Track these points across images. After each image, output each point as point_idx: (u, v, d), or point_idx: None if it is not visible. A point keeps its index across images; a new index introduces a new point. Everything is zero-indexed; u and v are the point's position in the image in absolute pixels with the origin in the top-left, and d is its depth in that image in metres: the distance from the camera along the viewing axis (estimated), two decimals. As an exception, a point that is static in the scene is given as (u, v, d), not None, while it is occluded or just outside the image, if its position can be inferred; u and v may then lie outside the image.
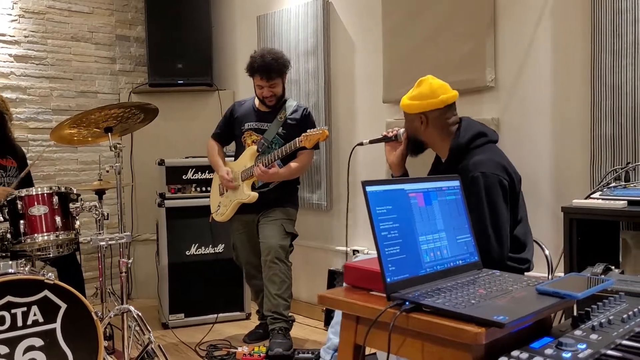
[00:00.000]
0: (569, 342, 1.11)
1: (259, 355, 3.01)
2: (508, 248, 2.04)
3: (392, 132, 2.44)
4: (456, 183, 1.51)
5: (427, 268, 1.34)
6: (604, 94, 2.44)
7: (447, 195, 1.46)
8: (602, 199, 2.13)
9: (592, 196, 2.20)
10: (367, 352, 1.81)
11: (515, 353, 1.09)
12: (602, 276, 1.62)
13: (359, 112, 3.64)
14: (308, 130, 2.97)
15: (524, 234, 2.15)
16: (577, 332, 1.18)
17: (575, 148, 2.60)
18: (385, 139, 2.49)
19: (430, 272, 1.34)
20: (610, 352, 1.08)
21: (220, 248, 3.83)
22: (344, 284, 1.44)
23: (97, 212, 2.85)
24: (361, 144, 2.57)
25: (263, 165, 3.07)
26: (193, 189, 3.83)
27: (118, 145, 2.82)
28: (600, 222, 2.23)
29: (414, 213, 1.36)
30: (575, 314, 1.28)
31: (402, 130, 2.40)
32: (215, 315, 3.69)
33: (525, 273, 2.13)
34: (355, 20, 3.64)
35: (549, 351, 1.10)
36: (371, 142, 2.54)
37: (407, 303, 1.19)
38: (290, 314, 3.23)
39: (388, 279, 1.24)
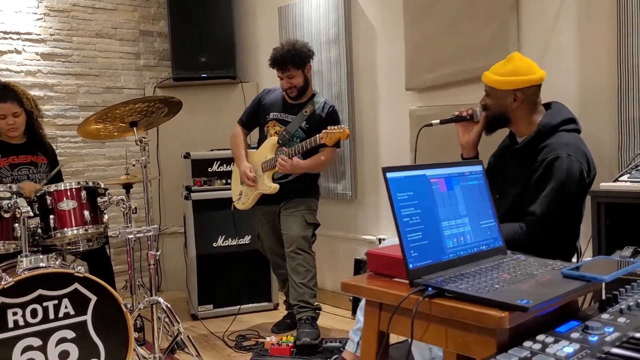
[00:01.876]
0: (596, 326, 1.09)
1: (287, 344, 3.03)
2: (547, 233, 2.03)
3: (466, 111, 2.36)
4: (479, 168, 1.49)
5: (450, 254, 1.33)
6: (631, 75, 2.37)
7: (469, 181, 1.45)
8: (631, 182, 2.08)
9: (619, 179, 2.15)
10: (395, 340, 1.81)
11: (540, 337, 1.08)
12: (631, 259, 1.59)
13: (381, 100, 3.62)
14: (329, 127, 2.95)
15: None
16: (605, 316, 1.17)
17: (603, 131, 2.54)
18: (458, 119, 2.39)
19: (454, 258, 1.33)
20: (638, 334, 1.06)
21: (246, 239, 3.86)
22: (367, 271, 1.44)
23: (124, 206, 2.89)
24: (430, 124, 2.43)
25: (289, 156, 3.07)
26: (218, 182, 3.87)
27: (143, 139, 2.86)
28: (629, 205, 2.17)
29: (436, 198, 1.35)
30: (603, 297, 1.26)
31: (478, 109, 2.32)
32: (239, 307, 3.72)
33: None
34: (376, 9, 3.61)
35: (575, 335, 1.09)
36: (442, 122, 2.42)
37: (429, 289, 1.19)
38: (316, 303, 3.25)
39: (410, 265, 1.23)
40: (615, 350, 1.01)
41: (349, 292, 1.35)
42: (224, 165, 3.87)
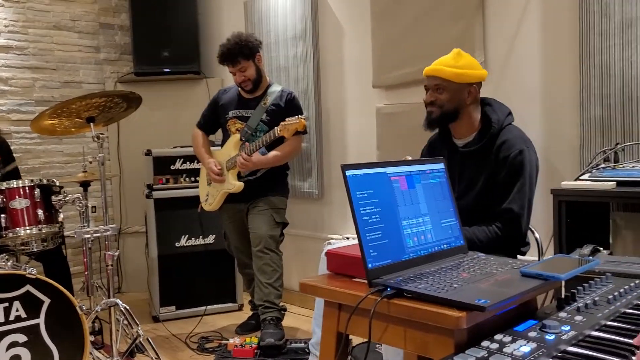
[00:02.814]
0: (553, 325, 1.09)
1: (251, 346, 2.98)
2: (525, 227, 2.07)
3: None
4: (440, 166, 1.47)
5: (410, 253, 1.30)
6: (592, 75, 2.40)
7: (431, 179, 1.42)
8: (591, 181, 2.10)
9: (581, 178, 2.17)
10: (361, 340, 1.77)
11: (498, 337, 1.07)
12: (589, 257, 1.59)
13: (348, 97, 3.59)
14: (286, 119, 2.90)
15: None
16: (562, 314, 1.17)
17: (565, 130, 2.56)
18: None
19: (414, 257, 1.31)
20: (594, 333, 1.06)
21: (211, 239, 3.79)
22: (327, 271, 1.40)
23: (81, 205, 2.80)
24: None
25: (245, 154, 3.01)
26: (182, 179, 3.79)
27: (101, 136, 2.76)
28: (590, 203, 2.20)
29: (397, 197, 1.32)
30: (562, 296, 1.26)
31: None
32: (204, 308, 3.65)
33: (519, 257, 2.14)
34: (343, 5, 3.58)
35: (532, 334, 1.08)
36: None
37: (388, 289, 1.16)
38: (282, 304, 3.20)
39: (369, 265, 1.20)
40: (571, 349, 1.01)
41: (307, 292, 1.31)
42: (188, 162, 3.78)
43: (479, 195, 2.08)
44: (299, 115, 2.92)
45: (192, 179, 3.75)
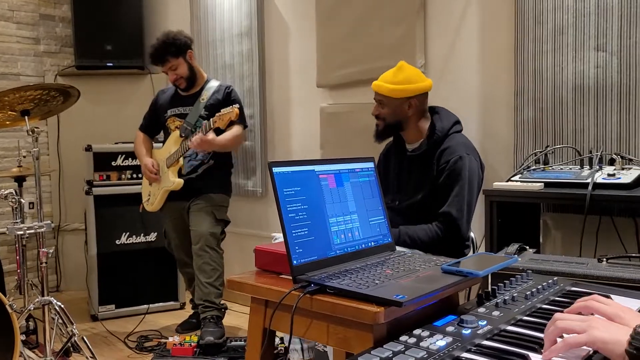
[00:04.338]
0: (470, 319, 1.12)
1: (190, 344, 2.95)
2: (462, 230, 2.14)
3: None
4: (370, 165, 1.50)
5: (337, 250, 1.32)
6: (526, 79, 2.49)
7: (360, 177, 1.45)
8: (521, 182, 2.18)
9: (512, 179, 2.25)
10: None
11: (417, 331, 1.09)
12: (513, 255, 1.66)
13: (293, 96, 3.60)
14: (221, 110, 2.90)
15: None
16: (481, 310, 1.20)
17: (501, 132, 2.65)
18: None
19: (340, 254, 1.33)
20: (509, 327, 1.10)
21: (152, 237, 3.73)
22: (255, 268, 1.40)
23: (13, 200, 2.70)
24: None
25: (203, 133, 2.94)
26: (125, 176, 3.71)
27: (36, 130, 2.67)
28: (521, 204, 2.29)
29: (325, 195, 1.33)
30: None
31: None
32: (148, 306, 3.60)
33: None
34: (289, 4, 3.59)
35: (450, 328, 1.11)
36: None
37: (312, 285, 1.17)
38: (222, 302, 3.18)
39: (295, 261, 1.21)
40: (485, 342, 1.04)
41: (234, 289, 1.32)
42: (129, 159, 3.71)
43: (425, 197, 2.18)
44: (233, 105, 2.90)
45: (135, 175, 3.68)
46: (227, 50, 3.82)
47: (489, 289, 1.30)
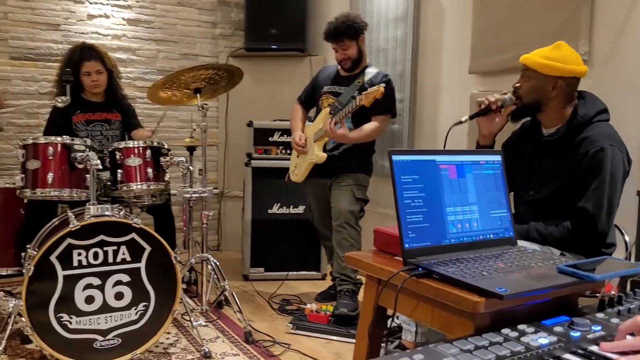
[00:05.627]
0: (583, 323, 1.09)
1: (325, 313, 3.14)
2: (612, 225, 2.01)
3: (495, 103, 2.21)
4: (497, 158, 1.50)
5: (452, 239, 1.37)
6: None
7: (484, 169, 1.46)
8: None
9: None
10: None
11: (521, 326, 1.09)
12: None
13: (444, 82, 3.58)
14: (369, 89, 2.98)
15: None
16: (599, 315, 1.16)
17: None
18: (486, 112, 2.22)
19: (455, 243, 1.37)
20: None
21: (300, 209, 3.99)
22: (374, 248, 1.50)
23: (184, 167, 3.08)
24: (460, 122, 2.23)
25: (334, 123, 3.12)
26: (279, 151, 4.01)
27: (205, 106, 3.02)
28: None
29: (444, 184, 1.38)
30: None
31: (507, 95, 2.19)
32: (292, 272, 3.87)
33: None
34: (446, -14, 3.55)
35: (558, 329, 1.09)
36: (472, 117, 2.28)
37: (420, 269, 1.24)
38: (358, 277, 3.33)
39: (406, 245, 1.29)
40: (592, 347, 1.01)
41: (351, 265, 1.43)
42: (284, 135, 3.99)
43: (558, 188, 2.05)
44: (380, 85, 2.96)
45: (288, 151, 3.96)
46: (382, 35, 3.91)
47: (615, 295, 1.25)
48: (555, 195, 2.06)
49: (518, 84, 2.16)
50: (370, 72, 3.31)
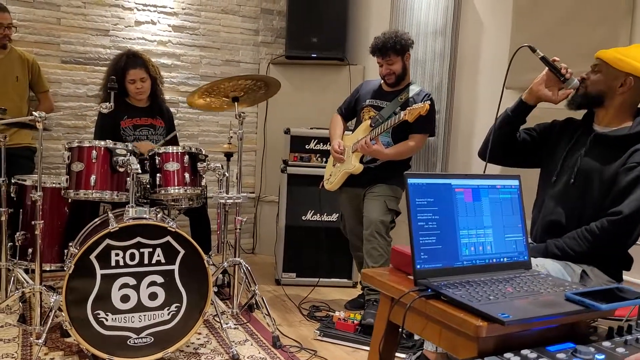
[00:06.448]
0: (586, 351, 1.11)
1: (353, 322, 3.19)
2: (636, 240, 1.96)
3: (568, 72, 2.18)
4: (515, 182, 1.52)
5: (464, 261, 1.40)
6: None
7: (500, 194, 1.48)
8: None
9: None
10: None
11: (524, 352, 1.12)
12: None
13: (481, 95, 3.58)
14: (414, 105, 3.01)
15: None
16: (606, 344, 1.17)
17: None
18: (554, 69, 2.19)
19: (468, 265, 1.40)
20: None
21: (333, 217, 4.05)
22: (390, 266, 1.54)
23: (219, 173, 3.18)
24: (534, 50, 2.24)
25: (370, 138, 3.18)
26: (315, 159, 4.08)
27: (242, 114, 3.12)
28: None
29: (458, 207, 1.41)
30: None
31: (576, 80, 2.16)
32: (323, 279, 3.93)
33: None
34: (487, 1, 3.54)
35: (561, 355, 1.11)
36: (545, 60, 2.22)
37: (429, 290, 1.28)
38: (387, 287, 3.35)
39: (418, 266, 1.33)
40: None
41: (365, 281, 1.47)
42: (321, 144, 4.06)
43: (601, 187, 1.99)
44: (425, 102, 3.01)
45: (324, 159, 4.02)
46: (420, 48, 3.92)
47: (625, 324, 1.25)
48: (598, 192, 2.00)
49: (585, 76, 2.14)
50: (414, 89, 3.35)
